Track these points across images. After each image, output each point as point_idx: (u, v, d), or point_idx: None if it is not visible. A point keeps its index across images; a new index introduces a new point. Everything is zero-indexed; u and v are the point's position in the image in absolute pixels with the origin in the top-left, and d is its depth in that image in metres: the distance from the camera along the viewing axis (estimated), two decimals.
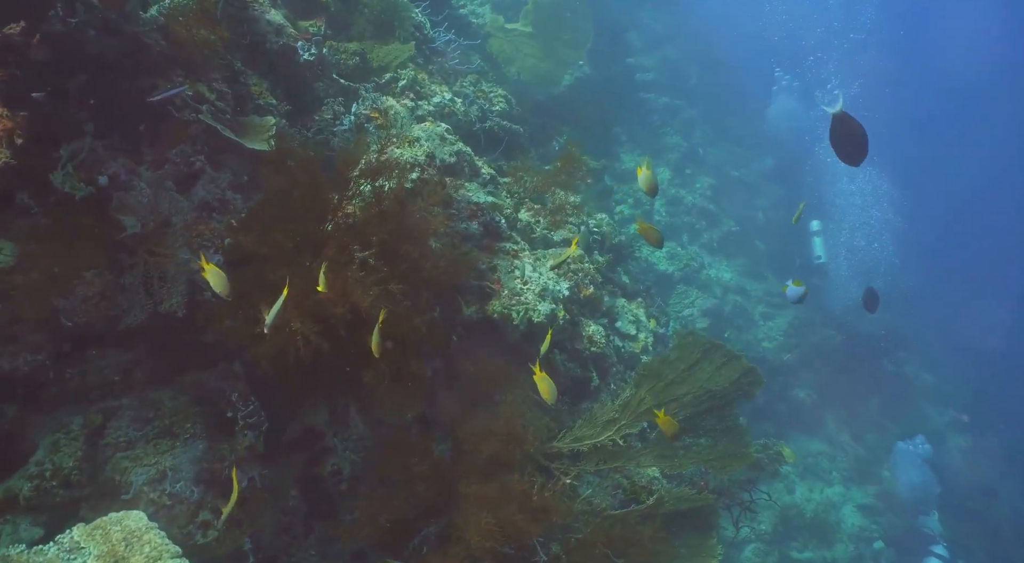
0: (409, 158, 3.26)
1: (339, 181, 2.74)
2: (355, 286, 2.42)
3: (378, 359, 2.55)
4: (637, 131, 11.14)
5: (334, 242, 2.52)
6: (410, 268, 2.72)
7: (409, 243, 2.70)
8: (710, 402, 3.78)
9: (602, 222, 5.82)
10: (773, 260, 11.16)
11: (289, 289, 2.45)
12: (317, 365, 2.98)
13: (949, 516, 9.01)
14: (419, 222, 2.70)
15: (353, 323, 2.50)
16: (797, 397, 9.67)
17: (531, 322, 3.54)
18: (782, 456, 5.42)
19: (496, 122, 5.04)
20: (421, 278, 2.77)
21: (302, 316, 2.41)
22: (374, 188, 2.76)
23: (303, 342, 2.41)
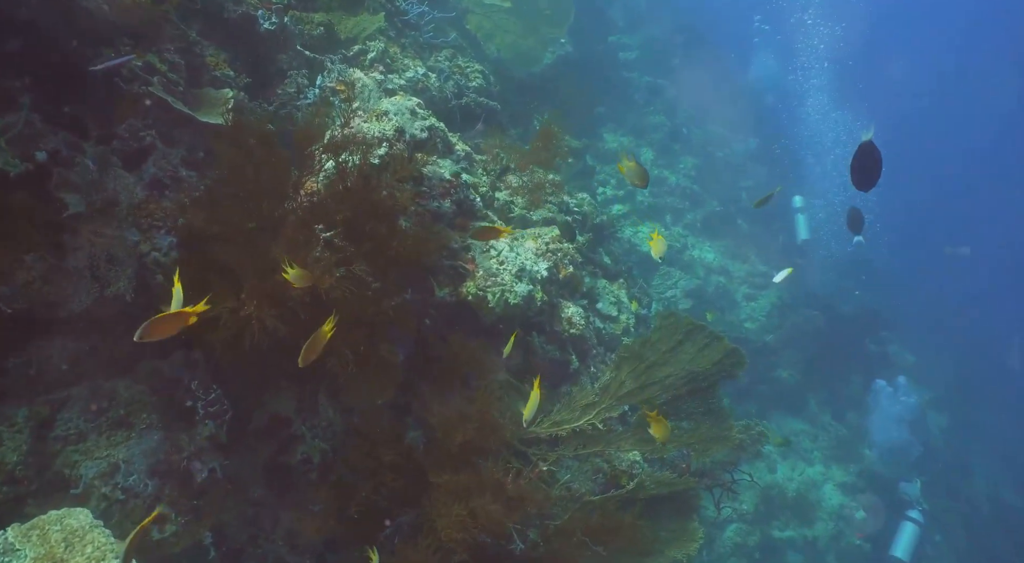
0: (376, 132, 3.08)
1: (300, 156, 2.57)
2: (315, 267, 2.27)
3: (341, 344, 2.40)
4: (620, 110, 10.96)
5: (293, 221, 2.36)
6: (376, 247, 2.57)
7: (375, 221, 2.54)
8: (692, 384, 3.68)
9: (583, 202, 5.68)
10: (757, 240, 11.09)
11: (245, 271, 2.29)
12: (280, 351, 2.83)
13: (928, 492, 9.08)
14: (386, 199, 2.54)
15: (313, 306, 2.35)
16: (779, 377, 9.66)
17: (508, 304, 3.40)
18: (764, 436, 5.36)
19: (473, 98, 4.86)
20: (388, 258, 2.61)
21: (258, 299, 2.25)
22: (337, 164, 2.59)
23: (259, 327, 2.26)
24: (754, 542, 7.79)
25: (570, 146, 7.92)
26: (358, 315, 2.50)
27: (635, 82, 11.57)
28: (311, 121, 2.61)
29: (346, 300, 2.33)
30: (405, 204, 2.57)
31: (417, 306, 3.53)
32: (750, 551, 7.69)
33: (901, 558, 7.59)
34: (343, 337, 2.43)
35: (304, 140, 2.60)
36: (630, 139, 10.75)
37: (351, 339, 2.46)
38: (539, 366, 3.95)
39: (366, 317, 2.55)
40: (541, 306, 3.66)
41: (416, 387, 3.64)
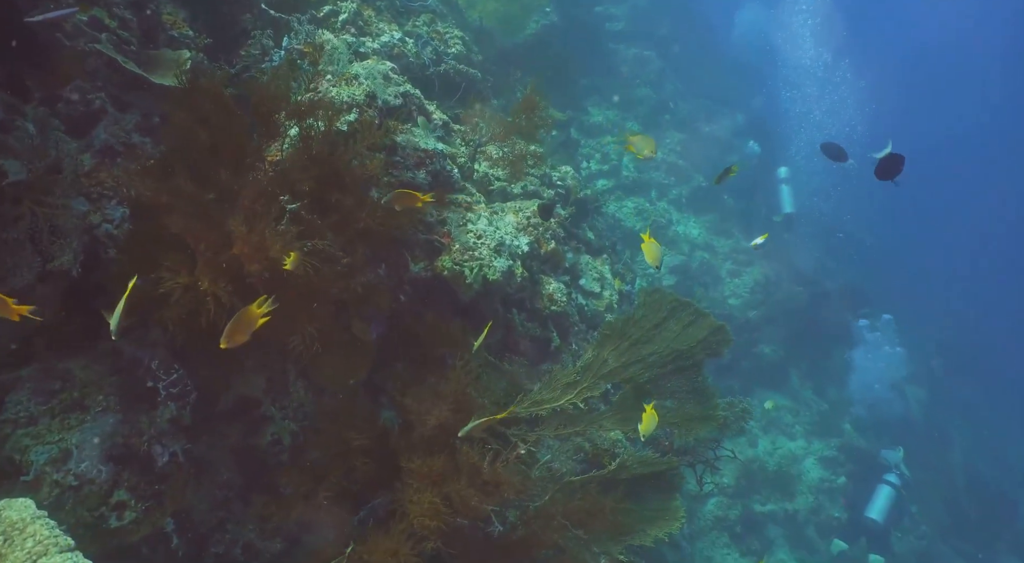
0: (345, 98, 2.89)
1: (263, 123, 2.38)
2: (274, 241, 2.10)
3: (305, 323, 2.24)
4: (606, 83, 10.73)
5: (251, 190, 2.18)
6: (342, 220, 2.40)
7: (341, 192, 2.36)
8: (677, 362, 3.57)
9: (567, 175, 5.51)
10: (742, 216, 10.99)
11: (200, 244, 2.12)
12: None
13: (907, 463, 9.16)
14: (353, 168, 2.36)
15: (275, 282, 2.19)
16: (762, 353, 9.64)
17: (486, 280, 3.25)
18: (748, 413, 5.30)
19: (452, 66, 4.64)
20: (356, 231, 2.44)
21: (213, 274, 2.08)
22: (301, 130, 2.41)
23: (214, 304, 2.09)
24: (735, 515, 7.81)
25: (554, 118, 7.71)
26: (324, 292, 2.34)
27: (621, 53, 11.31)
28: (274, 85, 2.41)
29: (309, 276, 2.16)
30: (374, 174, 2.39)
31: (391, 282, 3.38)
32: (731, 524, 7.71)
33: (875, 519, 7.73)
34: (307, 315, 2.27)
35: (266, 105, 2.41)
36: (616, 112, 10.54)
37: (316, 317, 2.30)
38: (519, 344, 3.82)
39: (333, 294, 2.38)
40: (522, 282, 3.51)
41: (392, 366, 3.50)
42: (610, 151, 10.02)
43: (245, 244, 2.06)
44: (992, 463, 12.53)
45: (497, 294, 3.60)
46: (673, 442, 4.66)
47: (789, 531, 8.11)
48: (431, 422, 2.58)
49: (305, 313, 2.25)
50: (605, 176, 9.97)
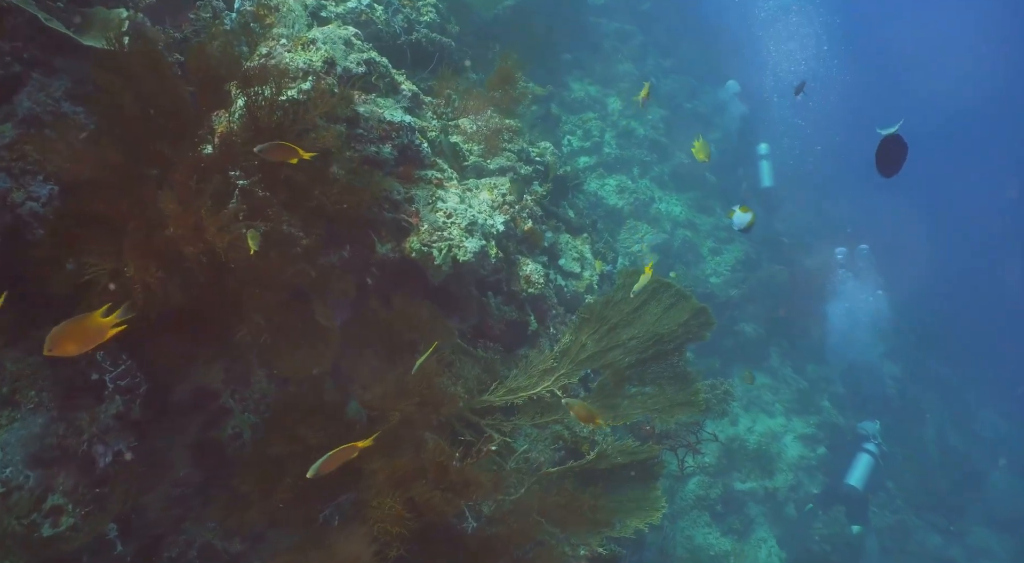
0: (301, 64, 2.62)
1: (203, 90, 2.11)
2: (210, 222, 1.85)
3: (252, 310, 2.01)
4: (587, 58, 10.41)
5: (186, 165, 1.92)
6: (293, 198, 2.15)
7: (292, 167, 2.11)
8: (658, 347, 3.39)
9: (545, 151, 5.26)
10: (723, 193, 10.83)
11: (128, 226, 1.87)
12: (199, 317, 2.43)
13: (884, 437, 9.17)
14: (304, 141, 2.11)
15: (213, 267, 1.94)
16: (743, 331, 9.54)
17: (456, 261, 3.02)
18: (730, 395, 5.16)
19: (424, 34, 4.34)
20: (310, 210, 2.20)
21: (141, 259, 1.84)
22: (247, 98, 2.14)
23: (142, 291, 1.85)
24: (716, 494, 7.75)
25: (534, 93, 7.43)
26: (273, 277, 2.10)
27: (603, 27, 10.98)
28: (213, 48, 2.14)
29: (251, 261, 1.92)
30: (328, 146, 2.14)
31: (357, 264, 3.14)
32: (712, 503, 7.65)
33: (855, 485, 7.78)
34: (254, 303, 2.03)
35: (206, 71, 2.14)
36: (597, 88, 10.24)
37: (265, 305, 2.06)
38: (494, 328, 3.61)
39: (285, 279, 2.14)
40: (496, 263, 3.29)
41: (360, 354, 3.27)
42: (592, 127, 9.76)
43: (178, 225, 1.81)
44: (963, 436, 12.67)
45: (470, 276, 3.38)
46: (655, 426, 4.51)
47: (769, 509, 8.08)
48: (395, 418, 2.37)
49: (252, 301, 2.01)
50: (587, 153, 9.72)
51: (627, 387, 3.49)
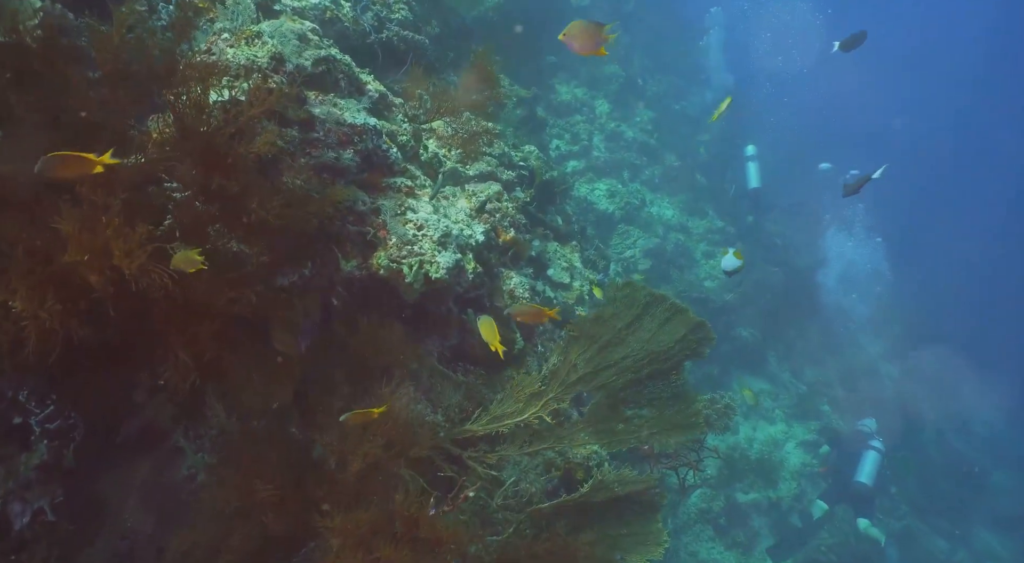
0: (243, 60, 2.30)
1: (113, 88, 1.78)
2: (117, 243, 1.52)
3: (177, 345, 1.67)
4: (572, 60, 10.12)
5: (92, 179, 1.60)
6: (226, 212, 1.82)
7: (222, 175, 1.79)
8: (654, 365, 3.07)
9: (530, 155, 4.95)
10: (714, 195, 10.56)
11: (18, 251, 1.53)
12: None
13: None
14: (235, 145, 1.79)
15: (125, 298, 1.61)
16: (740, 336, 9.24)
17: (428, 278, 2.70)
18: (732, 409, 4.85)
19: (396, 32, 4.03)
20: (247, 226, 1.87)
21: (33, 290, 1.51)
22: (168, 98, 1.82)
23: (35, 329, 1.51)
24: (719, 507, 7.42)
25: (518, 95, 7.14)
26: (203, 305, 1.77)
27: None
28: (120, 39, 1.81)
29: (172, 288, 1.59)
30: (263, 150, 1.82)
31: (320, 284, 2.81)
32: (715, 516, 7.33)
33: (864, 482, 7.48)
34: (179, 337, 1.69)
35: (121, 67, 1.81)
36: (584, 90, 9.96)
37: (194, 337, 1.73)
38: (476, 348, 3.28)
39: (220, 307, 1.81)
40: (474, 279, 2.96)
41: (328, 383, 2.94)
42: (580, 130, 9.46)
43: (78, 248, 1.48)
44: (963, 437, 12.42)
45: (447, 293, 3.05)
46: (654, 447, 4.19)
47: (773, 519, 7.76)
48: (355, 467, 2.04)
49: (177, 335, 1.68)
50: (575, 157, 9.43)
51: (623, 409, 3.17)
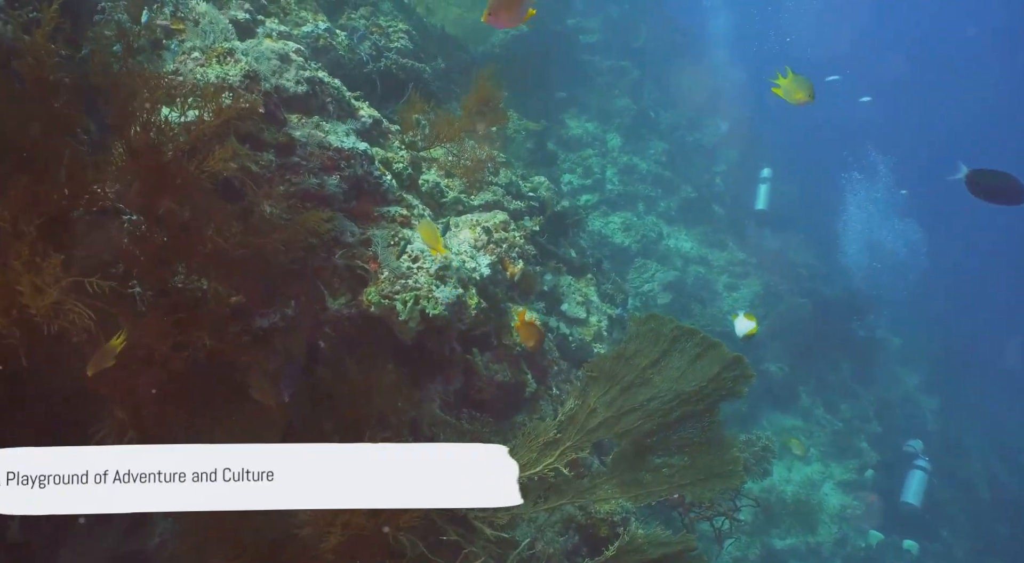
0: (212, 78, 2.07)
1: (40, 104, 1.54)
2: (27, 279, 1.25)
3: (113, 403, 1.38)
4: (583, 95, 10.00)
5: (15, 201, 1.34)
6: (177, 243, 1.55)
7: (170, 198, 1.52)
8: (684, 408, 2.71)
9: (540, 185, 4.69)
10: (733, 226, 10.23)
11: None
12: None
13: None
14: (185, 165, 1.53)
15: (39, 344, 1.33)
16: (768, 371, 8.76)
17: (425, 316, 2.39)
18: (770, 450, 4.42)
19: (394, 60, 3.84)
20: (203, 257, 1.59)
21: None
22: (120, 114, 1.57)
23: None
24: (755, 556, 6.86)
25: (528, 129, 6.95)
26: (143, 350, 1.48)
27: (597, 65, 10.62)
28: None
29: (93, 332, 1.31)
30: (218, 167, 1.55)
31: (305, 324, 2.52)
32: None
33: (912, 503, 7.27)
34: (119, 394, 1.40)
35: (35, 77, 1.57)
36: (595, 124, 9.79)
37: (128, 389, 1.43)
38: (484, 392, 2.95)
39: (161, 354, 1.52)
40: (478, 314, 2.65)
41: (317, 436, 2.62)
42: (593, 164, 9.25)
43: None
44: (1012, 470, 11.65)
45: (449, 331, 2.74)
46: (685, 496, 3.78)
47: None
48: (333, 538, 1.70)
49: (110, 386, 1.38)
50: (588, 191, 9.18)
51: (650, 458, 2.79)
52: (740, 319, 4.54)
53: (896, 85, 18.04)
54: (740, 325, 4.50)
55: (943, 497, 8.82)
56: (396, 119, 3.50)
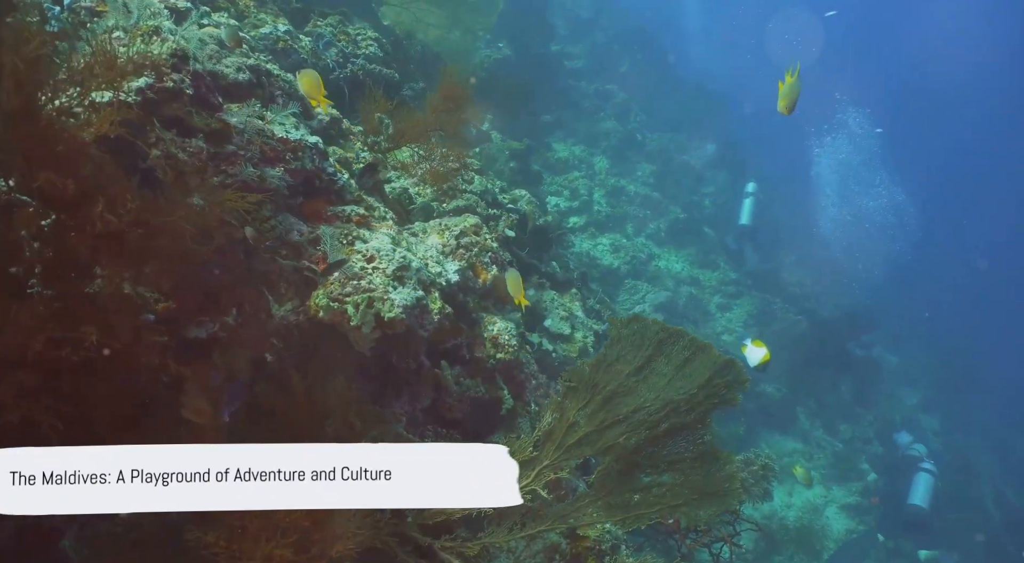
0: (135, 56, 1.85)
1: None
2: None
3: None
4: (569, 118, 9.90)
5: None
6: (61, 222, 1.30)
7: (51, 168, 1.27)
8: (673, 419, 2.43)
9: (521, 198, 4.47)
10: (724, 246, 10.02)
11: None
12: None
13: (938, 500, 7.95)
14: (66, 128, 1.29)
15: None
16: (765, 392, 8.45)
17: (381, 320, 2.13)
18: (771, 469, 4.11)
19: (362, 65, 3.64)
20: (92, 240, 1.34)
21: None
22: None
23: None
24: None
25: (511, 148, 6.78)
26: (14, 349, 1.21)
27: (583, 89, 10.56)
28: None
29: None
30: (103, 130, 1.30)
31: (249, 333, 2.24)
32: None
33: (920, 504, 6.95)
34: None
35: None
36: (582, 147, 9.66)
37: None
38: (454, 410, 2.66)
39: (35, 351, 1.25)
40: (443, 320, 2.39)
41: None
42: (580, 186, 9.08)
43: None
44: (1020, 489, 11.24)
45: (414, 342, 2.47)
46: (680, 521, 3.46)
47: None
48: None
49: None
50: (576, 213, 8.99)
51: (638, 476, 2.50)
52: (750, 348, 4.32)
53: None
54: (752, 355, 4.29)
55: (952, 517, 8.44)
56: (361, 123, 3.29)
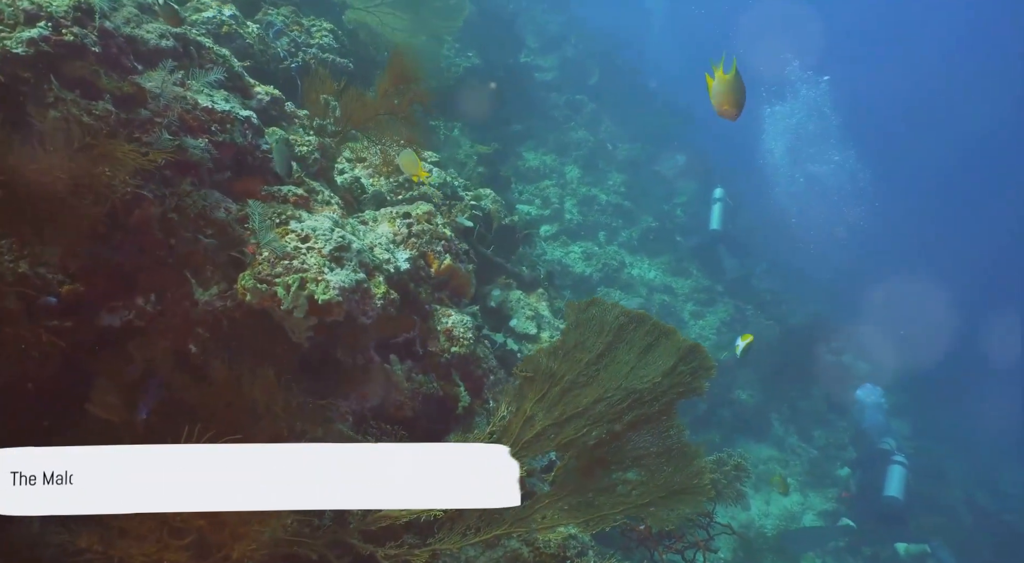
0: (25, 5, 1.65)
1: None
2: None
3: None
4: (539, 128, 9.81)
5: None
6: None
7: None
8: (636, 410, 2.25)
9: (485, 196, 4.30)
10: (696, 254, 9.96)
11: None
12: None
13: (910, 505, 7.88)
14: None
15: None
16: (739, 399, 8.33)
17: (314, 303, 1.92)
18: (744, 469, 3.94)
19: (314, 54, 3.47)
20: None
21: None
22: None
23: None
24: None
25: (479, 152, 6.64)
26: None
27: (553, 100, 10.50)
28: None
29: None
30: None
31: (171, 322, 2.02)
32: None
33: (895, 496, 6.87)
34: None
35: None
36: (553, 156, 9.56)
37: None
38: (405, 407, 2.45)
39: None
40: (386, 307, 2.19)
41: None
42: (551, 194, 8.97)
43: None
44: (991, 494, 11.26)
45: (359, 333, 2.26)
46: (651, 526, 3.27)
47: None
48: None
49: None
50: (547, 221, 8.87)
51: (601, 473, 2.31)
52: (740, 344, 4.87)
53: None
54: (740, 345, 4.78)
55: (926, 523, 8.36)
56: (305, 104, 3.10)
